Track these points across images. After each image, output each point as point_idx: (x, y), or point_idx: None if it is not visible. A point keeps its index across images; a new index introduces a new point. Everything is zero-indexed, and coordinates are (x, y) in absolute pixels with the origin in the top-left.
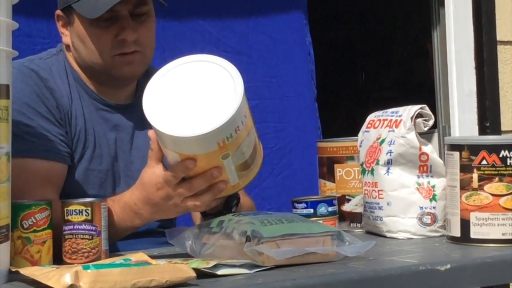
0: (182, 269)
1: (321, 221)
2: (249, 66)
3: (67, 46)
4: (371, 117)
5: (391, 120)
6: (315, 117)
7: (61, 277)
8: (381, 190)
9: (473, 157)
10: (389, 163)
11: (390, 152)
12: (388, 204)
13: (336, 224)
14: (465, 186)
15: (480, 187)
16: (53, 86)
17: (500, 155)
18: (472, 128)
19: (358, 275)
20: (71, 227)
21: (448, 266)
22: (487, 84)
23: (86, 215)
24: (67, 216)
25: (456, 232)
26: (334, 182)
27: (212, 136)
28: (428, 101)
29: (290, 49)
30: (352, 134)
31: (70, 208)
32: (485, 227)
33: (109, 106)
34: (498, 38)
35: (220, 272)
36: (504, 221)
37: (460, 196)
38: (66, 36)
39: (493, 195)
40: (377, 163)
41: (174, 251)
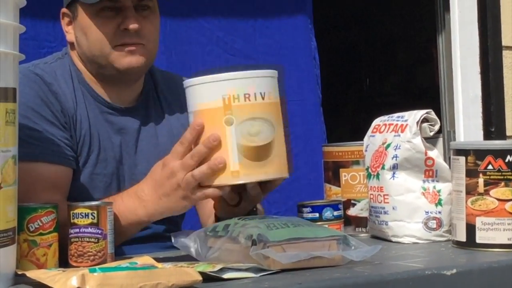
0: (188, 273)
1: (326, 226)
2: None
3: (71, 44)
4: (377, 121)
5: (396, 124)
6: (320, 122)
7: (67, 280)
8: (387, 195)
9: (479, 162)
10: (394, 167)
11: (396, 157)
12: (393, 208)
13: (341, 229)
14: (470, 191)
15: (486, 192)
16: (57, 90)
17: (506, 160)
18: (477, 133)
19: (363, 280)
20: (77, 230)
21: (454, 270)
22: (492, 89)
23: (92, 218)
24: (73, 219)
25: (462, 237)
26: (339, 186)
27: (219, 84)
28: (433, 106)
29: (295, 53)
30: (357, 139)
31: (76, 211)
32: (491, 232)
33: (114, 109)
34: (503, 43)
35: (226, 276)
36: (510, 226)
37: (466, 201)
38: (70, 33)
39: (499, 200)
40: (383, 168)
41: (180, 254)
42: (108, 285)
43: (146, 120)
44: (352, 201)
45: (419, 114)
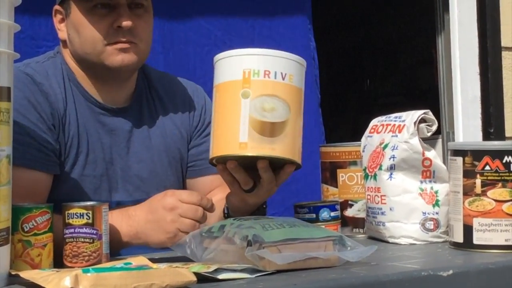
0: (183, 273)
1: (323, 226)
2: None
3: (64, 42)
4: (374, 122)
5: (394, 125)
6: (319, 123)
7: (60, 280)
8: (384, 195)
9: (476, 163)
10: (392, 168)
11: (393, 157)
12: (390, 209)
13: (338, 229)
14: (468, 191)
15: (483, 193)
16: (48, 90)
17: (504, 161)
18: (476, 134)
19: (359, 280)
20: (72, 230)
21: (450, 271)
22: (491, 90)
23: (87, 218)
24: (68, 219)
25: (459, 237)
26: (336, 187)
27: (241, 58)
28: (432, 107)
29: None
30: (357, 140)
31: (71, 211)
32: (488, 233)
33: (105, 109)
34: (502, 44)
35: (221, 277)
36: (507, 227)
37: (463, 202)
38: (62, 31)
39: (496, 201)
40: (380, 168)
41: (175, 255)
42: (101, 285)
43: (139, 120)
44: (349, 202)
45: (416, 114)
